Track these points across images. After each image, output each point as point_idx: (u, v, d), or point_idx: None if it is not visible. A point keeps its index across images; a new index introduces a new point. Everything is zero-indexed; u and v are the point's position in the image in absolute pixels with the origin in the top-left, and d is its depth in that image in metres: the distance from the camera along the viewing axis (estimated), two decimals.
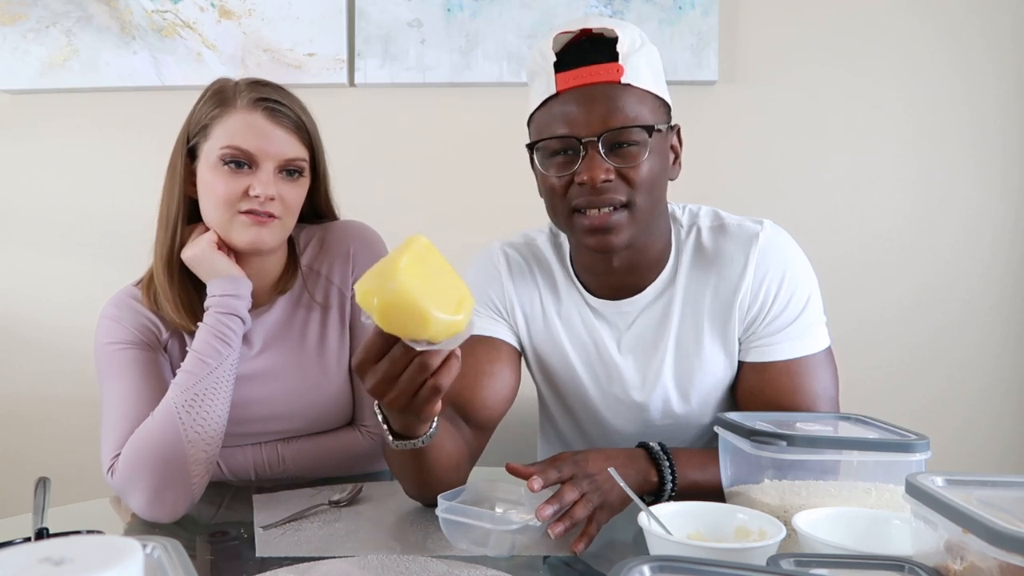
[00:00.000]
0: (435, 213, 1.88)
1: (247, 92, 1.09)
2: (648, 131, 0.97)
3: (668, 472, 0.95)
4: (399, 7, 1.85)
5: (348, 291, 1.20)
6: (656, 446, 0.97)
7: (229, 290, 1.07)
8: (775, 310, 1.05)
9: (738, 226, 1.08)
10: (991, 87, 1.79)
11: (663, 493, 0.95)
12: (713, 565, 0.55)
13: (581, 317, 1.11)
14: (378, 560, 0.83)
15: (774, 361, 1.05)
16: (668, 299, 1.08)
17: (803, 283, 1.06)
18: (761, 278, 1.05)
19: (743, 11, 1.81)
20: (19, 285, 1.98)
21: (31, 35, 1.91)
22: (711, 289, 1.06)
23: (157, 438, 1.00)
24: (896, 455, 0.79)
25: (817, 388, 1.05)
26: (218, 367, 1.04)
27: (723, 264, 1.06)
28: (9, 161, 1.98)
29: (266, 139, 1.07)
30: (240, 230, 1.08)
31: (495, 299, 1.14)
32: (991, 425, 1.83)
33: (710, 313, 1.07)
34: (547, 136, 0.99)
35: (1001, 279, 1.81)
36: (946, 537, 0.57)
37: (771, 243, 1.06)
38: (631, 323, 1.09)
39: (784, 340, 1.05)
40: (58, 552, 0.38)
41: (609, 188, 0.98)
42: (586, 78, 0.97)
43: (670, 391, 1.09)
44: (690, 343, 1.07)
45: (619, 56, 0.96)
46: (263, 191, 1.06)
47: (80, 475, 1.37)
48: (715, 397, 1.10)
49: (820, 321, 1.08)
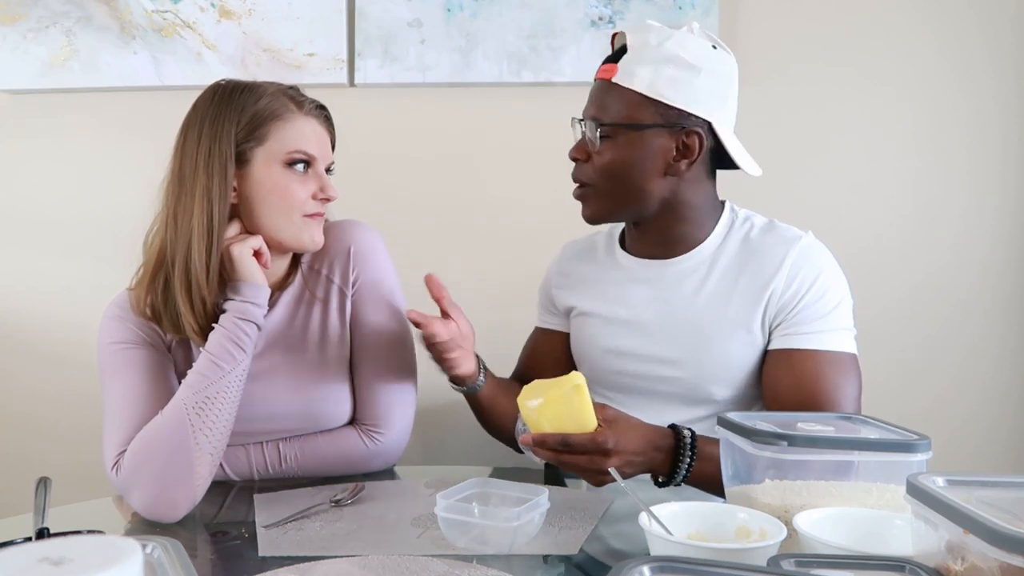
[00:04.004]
0: (435, 213, 1.88)
1: (304, 100, 1.15)
2: (611, 127, 1.13)
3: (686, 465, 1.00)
4: (399, 7, 1.85)
5: (348, 290, 1.20)
6: (687, 433, 1.01)
7: (251, 297, 1.08)
8: (806, 302, 1.12)
9: (786, 228, 1.19)
10: (991, 87, 1.79)
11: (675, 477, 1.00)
12: (713, 565, 0.55)
13: (615, 274, 1.26)
14: (379, 560, 0.83)
15: (800, 349, 1.11)
16: (705, 273, 1.19)
17: (835, 287, 1.14)
18: (796, 272, 1.13)
19: (743, 11, 1.81)
20: (19, 285, 1.98)
21: (31, 35, 1.90)
22: (748, 273, 1.16)
23: (165, 437, 1.01)
24: (897, 455, 0.79)
25: (840, 382, 1.10)
26: (231, 372, 1.05)
27: (764, 254, 1.16)
28: (9, 161, 1.98)
29: (322, 144, 1.15)
30: (307, 231, 1.13)
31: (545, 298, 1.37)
32: (991, 425, 1.82)
33: (741, 292, 1.15)
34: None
35: (1001, 278, 1.81)
36: (947, 538, 0.57)
37: (812, 247, 1.16)
38: (660, 284, 1.21)
39: (812, 332, 1.11)
40: (58, 552, 0.38)
41: (580, 168, 1.18)
42: (599, 73, 1.17)
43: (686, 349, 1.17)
44: (714, 313, 1.16)
45: (622, 60, 1.12)
46: (331, 192, 1.13)
47: (80, 475, 1.37)
48: (730, 373, 1.16)
49: (848, 329, 1.14)
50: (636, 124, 1.12)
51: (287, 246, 1.14)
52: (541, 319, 1.39)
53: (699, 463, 1.00)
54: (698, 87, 1.11)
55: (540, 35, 1.82)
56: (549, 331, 1.36)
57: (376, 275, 1.21)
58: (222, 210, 1.08)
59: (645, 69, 1.10)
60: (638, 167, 1.14)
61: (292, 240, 1.13)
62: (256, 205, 1.10)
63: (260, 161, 1.10)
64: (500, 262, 1.83)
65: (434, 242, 1.87)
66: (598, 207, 1.19)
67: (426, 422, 1.40)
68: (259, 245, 1.10)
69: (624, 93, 1.12)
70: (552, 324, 1.36)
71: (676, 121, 1.12)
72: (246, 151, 1.09)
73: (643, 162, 1.13)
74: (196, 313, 1.07)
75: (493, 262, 1.85)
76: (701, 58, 1.11)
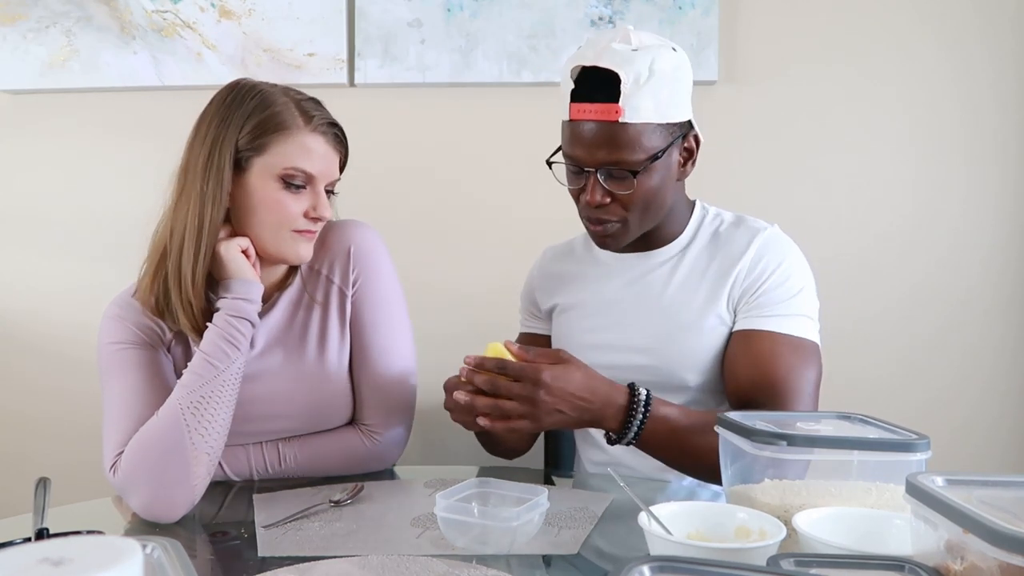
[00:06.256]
0: (435, 213, 1.88)
1: (317, 115, 1.11)
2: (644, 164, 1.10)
3: (637, 422, 1.03)
4: (399, 7, 1.85)
5: (348, 290, 1.20)
6: (643, 392, 1.04)
7: (242, 293, 1.08)
8: (768, 286, 1.16)
9: (753, 221, 1.24)
10: (990, 87, 1.79)
11: (625, 435, 1.03)
12: (713, 565, 0.55)
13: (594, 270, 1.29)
14: (378, 560, 0.83)
15: (760, 330, 1.14)
16: (675, 264, 1.23)
17: (798, 274, 1.18)
18: (760, 256, 1.18)
19: (743, 11, 1.81)
20: (19, 285, 1.98)
21: (31, 35, 1.90)
22: (716, 261, 1.20)
23: (161, 438, 1.01)
24: (896, 455, 0.79)
25: (798, 366, 1.12)
26: (225, 370, 1.05)
27: (731, 244, 1.21)
28: (9, 161, 1.98)
29: (327, 163, 1.12)
30: (292, 246, 1.12)
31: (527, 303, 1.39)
32: (991, 425, 1.82)
33: (708, 280, 1.20)
34: (565, 153, 1.16)
35: (1001, 278, 1.81)
36: (946, 537, 0.57)
37: (776, 237, 1.21)
38: (635, 275, 1.24)
39: (773, 315, 1.15)
40: (58, 552, 0.38)
41: (605, 210, 1.15)
42: (588, 114, 1.09)
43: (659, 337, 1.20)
44: (685, 300, 1.20)
45: (620, 96, 1.06)
46: (325, 212, 1.12)
47: (80, 475, 1.37)
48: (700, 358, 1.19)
49: (810, 316, 1.17)
50: (659, 153, 1.12)
51: (273, 258, 1.14)
52: (525, 324, 1.40)
53: (651, 423, 1.02)
54: (682, 93, 1.14)
55: (540, 35, 1.82)
56: (533, 335, 1.37)
57: (376, 275, 1.21)
58: (215, 214, 1.07)
59: (646, 99, 1.08)
60: (662, 188, 1.16)
61: (277, 253, 1.12)
62: (246, 214, 1.10)
63: (256, 171, 1.09)
64: (500, 262, 1.83)
65: (434, 242, 1.87)
66: (625, 237, 1.19)
67: (426, 422, 1.40)
68: (246, 245, 1.10)
69: (637, 128, 1.09)
70: (535, 328, 1.38)
71: (678, 132, 1.15)
72: (245, 158, 1.09)
73: (667, 182, 1.16)
74: (186, 313, 1.08)
75: (493, 262, 1.85)
76: (676, 67, 1.12)
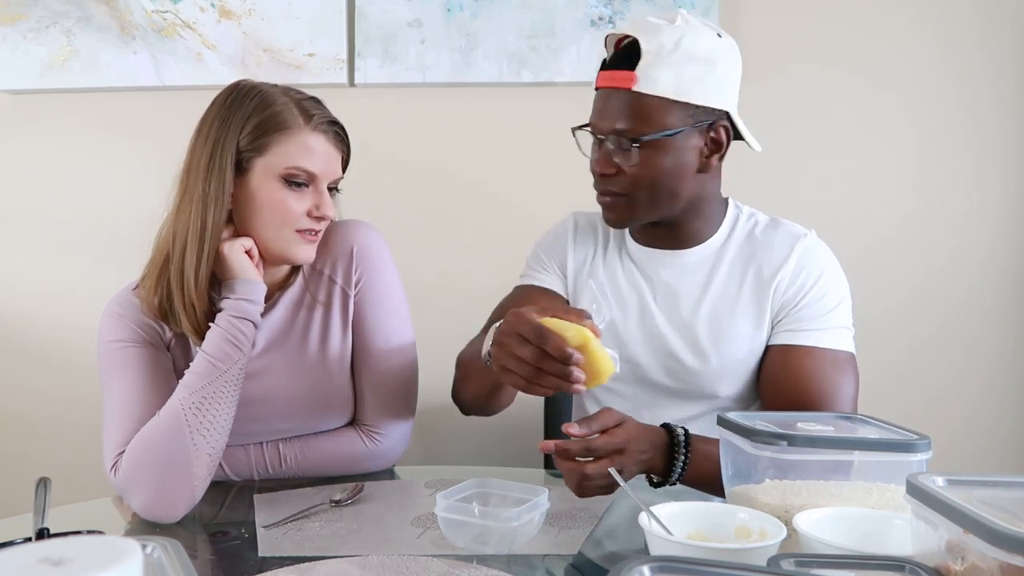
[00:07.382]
0: (435, 213, 1.88)
1: (316, 113, 1.11)
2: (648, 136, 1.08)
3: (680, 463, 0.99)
4: (399, 7, 1.85)
5: (351, 290, 1.20)
6: (680, 431, 1.01)
7: (245, 294, 1.08)
8: (808, 300, 1.13)
9: (791, 225, 1.20)
10: (990, 88, 1.79)
11: (670, 477, 1.00)
12: (713, 565, 0.55)
13: (623, 265, 1.24)
14: (378, 560, 0.83)
15: (800, 346, 1.12)
16: (711, 267, 1.19)
17: (837, 287, 1.16)
18: (801, 267, 1.15)
19: (743, 11, 1.81)
20: (19, 285, 1.98)
21: (31, 35, 1.90)
22: (754, 268, 1.17)
23: (162, 438, 1.00)
24: (897, 455, 0.79)
25: (838, 381, 1.11)
26: (228, 371, 1.05)
27: (770, 250, 1.17)
28: (9, 161, 1.98)
29: (328, 162, 1.12)
30: (295, 247, 1.11)
31: (556, 257, 1.29)
32: (991, 425, 1.82)
33: (748, 287, 1.16)
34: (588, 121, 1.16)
35: (1001, 279, 1.81)
36: (947, 537, 0.57)
37: (816, 245, 1.18)
38: (668, 276, 1.20)
39: (811, 329, 1.13)
40: (58, 552, 0.38)
41: (610, 180, 1.13)
42: (607, 81, 1.11)
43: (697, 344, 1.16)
44: (724, 308, 1.16)
45: (639, 65, 1.07)
46: (328, 211, 1.11)
47: (80, 475, 1.37)
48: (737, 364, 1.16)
49: (848, 328, 1.16)
50: (669, 131, 1.09)
51: (276, 258, 1.13)
52: (534, 277, 1.28)
53: (696, 461, 0.99)
54: (717, 80, 1.11)
55: (540, 35, 1.82)
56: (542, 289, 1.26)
57: (379, 275, 1.21)
58: (217, 216, 1.07)
59: (666, 72, 1.07)
60: (675, 172, 1.12)
61: (280, 253, 1.12)
62: (249, 215, 1.10)
63: (258, 171, 1.09)
64: (501, 262, 1.82)
65: (434, 242, 1.87)
66: (629, 214, 1.16)
67: (426, 422, 1.40)
68: (249, 246, 1.10)
69: (649, 100, 1.08)
70: (544, 282, 1.27)
71: (703, 118, 1.11)
72: (247, 159, 1.09)
73: (679, 166, 1.12)
74: (188, 315, 1.08)
75: (493, 262, 1.84)
76: (714, 50, 1.10)
